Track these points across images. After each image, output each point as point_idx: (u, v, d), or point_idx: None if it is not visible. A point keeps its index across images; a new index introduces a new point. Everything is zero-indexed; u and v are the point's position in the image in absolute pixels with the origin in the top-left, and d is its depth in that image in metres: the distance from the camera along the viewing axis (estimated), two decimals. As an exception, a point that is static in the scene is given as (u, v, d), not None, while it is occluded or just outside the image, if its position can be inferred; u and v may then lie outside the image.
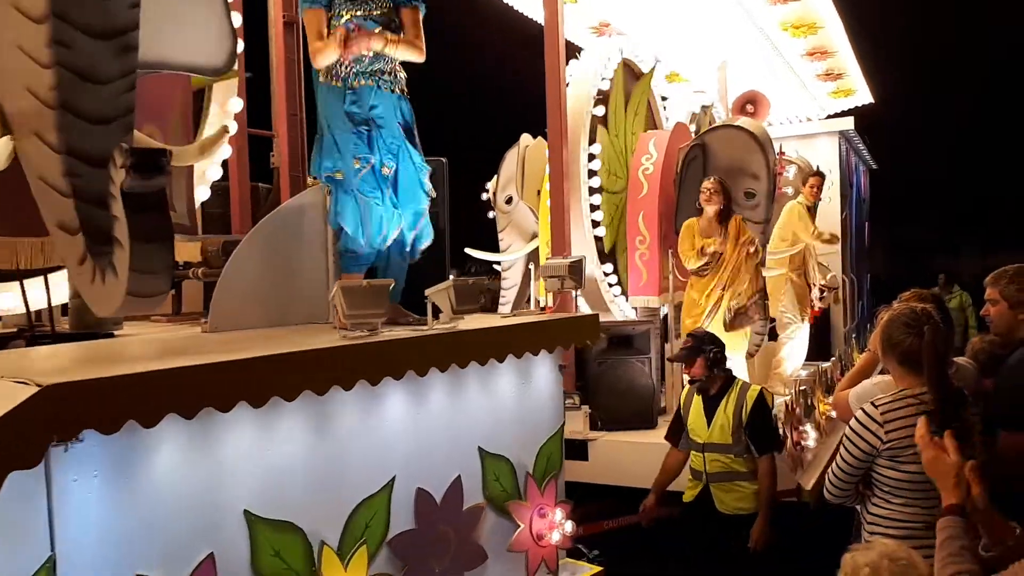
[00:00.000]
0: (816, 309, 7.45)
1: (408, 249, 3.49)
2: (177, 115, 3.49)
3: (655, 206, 5.81)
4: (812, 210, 7.26)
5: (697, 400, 4.27)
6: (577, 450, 5.28)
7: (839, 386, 3.38)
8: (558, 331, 3.76)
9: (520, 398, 3.70)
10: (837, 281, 7.34)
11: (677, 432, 4.38)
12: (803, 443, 4.96)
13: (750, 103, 9.43)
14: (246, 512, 2.51)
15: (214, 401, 2.28)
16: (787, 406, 5.11)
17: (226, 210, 4.31)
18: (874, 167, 13.22)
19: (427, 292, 3.16)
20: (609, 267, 6.15)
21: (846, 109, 13.67)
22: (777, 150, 5.95)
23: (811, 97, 12.26)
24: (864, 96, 13.13)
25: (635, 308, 6.03)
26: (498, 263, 6.73)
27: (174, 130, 3.44)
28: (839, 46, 9.95)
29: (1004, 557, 1.90)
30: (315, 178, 3.33)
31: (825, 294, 7.37)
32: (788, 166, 6.07)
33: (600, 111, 6.19)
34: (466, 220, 6.27)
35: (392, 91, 3.31)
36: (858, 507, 2.79)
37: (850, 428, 2.64)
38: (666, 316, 6.01)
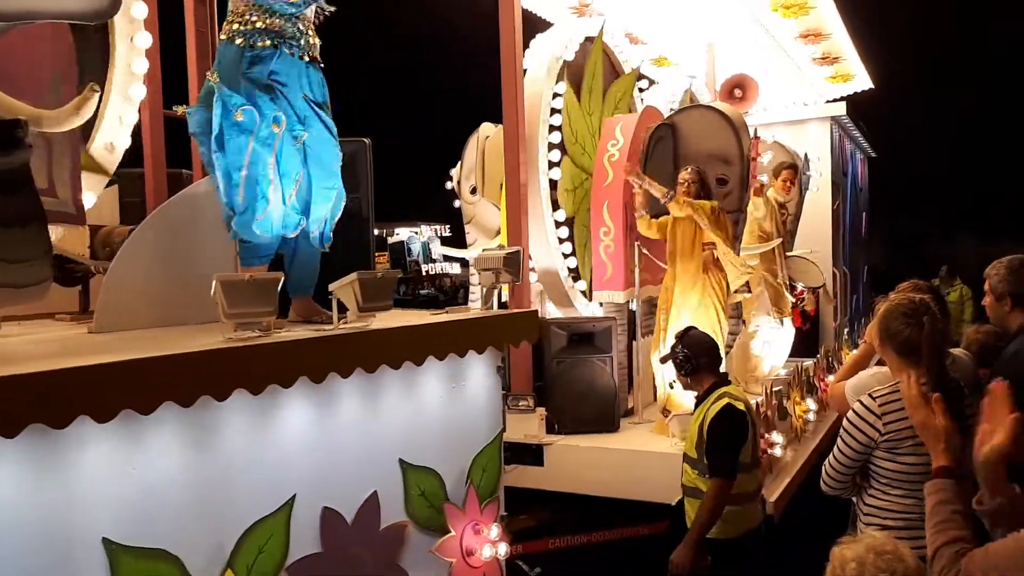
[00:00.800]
0: (799, 309, 7.10)
1: (319, 235, 3.16)
2: (53, 75, 3.13)
3: (620, 195, 5.46)
4: (784, 207, 6.92)
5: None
6: (532, 455, 4.98)
7: (835, 377, 3.33)
8: (487, 330, 3.45)
9: (449, 404, 3.40)
10: (819, 279, 6.96)
11: None
12: (769, 451, 4.64)
13: (738, 87, 9.06)
14: (105, 541, 2.21)
15: (47, 416, 1.97)
16: (756, 409, 4.79)
17: (144, 198, 4.00)
18: (873, 155, 12.80)
19: (331, 287, 2.85)
20: (574, 261, 5.80)
21: (844, 95, 13.34)
22: (752, 134, 5.58)
23: (808, 82, 11.87)
24: (863, 81, 12.69)
25: (600, 304, 5.68)
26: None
27: (51, 93, 3.09)
28: (833, 27, 9.55)
29: (996, 513, 1.85)
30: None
31: (805, 297, 7.02)
32: (764, 152, 5.69)
33: (561, 88, 5.78)
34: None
35: (301, 58, 2.99)
36: (854, 499, 2.78)
37: (847, 420, 2.63)
38: (635, 313, 5.66)
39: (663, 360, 3.87)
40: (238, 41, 2.88)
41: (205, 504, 2.45)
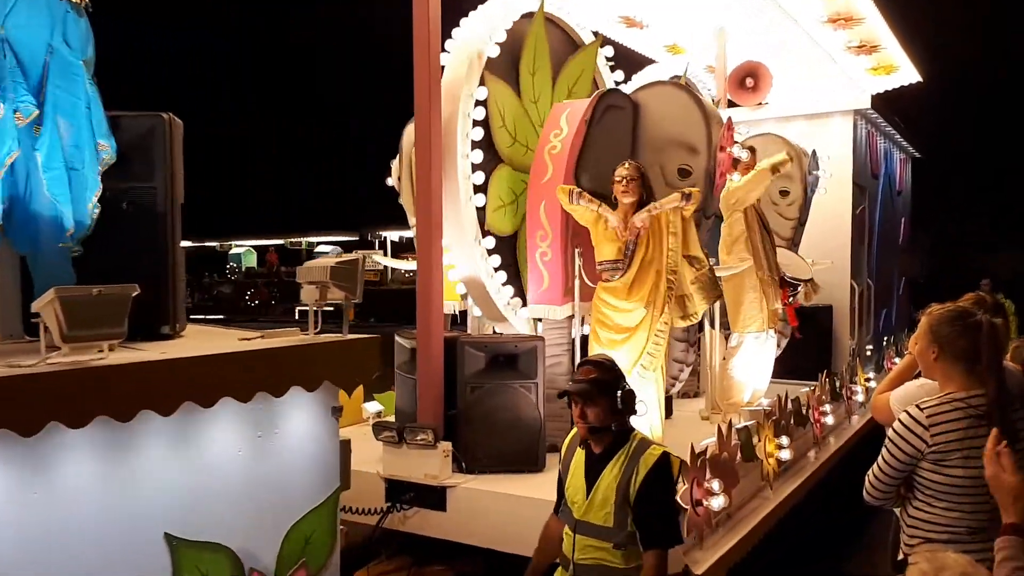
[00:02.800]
0: (790, 305, 6.17)
1: (70, 235, 2.50)
2: None
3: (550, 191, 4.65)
4: None
5: (580, 455, 2.95)
6: (433, 498, 4.23)
7: (878, 389, 3.20)
8: (308, 362, 2.73)
9: (255, 458, 2.69)
10: (806, 271, 6.00)
11: (559, 493, 3.07)
12: (705, 503, 3.80)
13: (750, 76, 8.13)
14: None
15: None
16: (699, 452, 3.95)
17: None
18: (917, 156, 11.61)
19: (34, 306, 2.17)
20: (503, 275, 4.97)
21: (888, 89, 12.16)
22: (725, 122, 4.69)
23: (843, 73, 10.79)
24: (908, 74, 11.52)
25: (538, 320, 4.88)
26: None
27: None
28: (865, 10, 8.50)
29: None
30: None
31: (800, 289, 6.08)
32: (741, 149, 4.78)
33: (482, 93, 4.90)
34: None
35: None
36: (896, 510, 2.75)
37: (893, 430, 2.60)
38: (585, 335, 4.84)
39: (560, 395, 3.04)
40: None
41: None
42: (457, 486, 4.21)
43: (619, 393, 2.84)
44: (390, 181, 5.81)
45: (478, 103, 4.74)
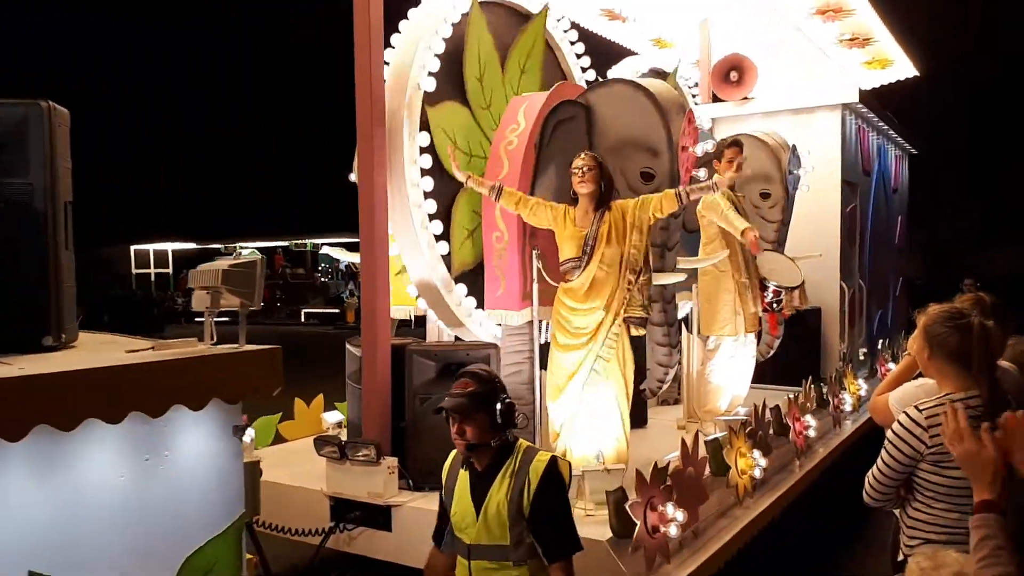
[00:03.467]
0: (773, 312, 5.87)
1: None
2: None
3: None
4: (733, 189, 5.68)
5: (464, 477, 2.75)
6: (378, 517, 3.97)
7: (877, 390, 3.15)
8: (200, 377, 2.46)
9: (139, 484, 2.42)
10: (795, 278, 5.69)
11: (441, 524, 2.89)
12: (663, 528, 3.51)
13: (734, 70, 7.84)
14: None
15: None
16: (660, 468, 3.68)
17: None
18: (914, 152, 11.28)
19: None
20: (463, 285, 4.66)
21: (885, 83, 11.84)
22: (685, 116, 4.39)
23: (839, 69, 10.50)
24: (904, 68, 11.23)
25: (499, 325, 4.59)
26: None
27: None
28: (854, 2, 8.20)
29: None
30: None
31: (783, 298, 5.77)
32: (701, 142, 4.47)
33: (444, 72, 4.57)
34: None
35: None
36: (896, 511, 2.76)
37: (892, 431, 2.60)
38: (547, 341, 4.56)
39: (436, 412, 2.83)
40: None
41: None
42: (403, 505, 3.94)
43: (498, 406, 2.65)
44: (353, 177, 5.55)
45: (422, 149, 4.47)
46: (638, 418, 5.83)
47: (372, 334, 4.09)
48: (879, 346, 8.82)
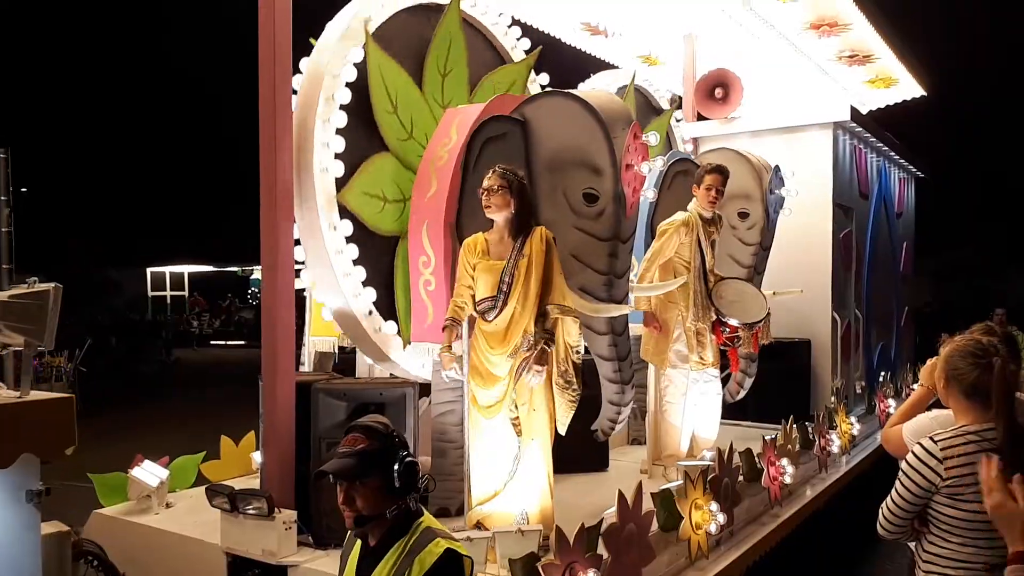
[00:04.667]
0: (732, 348, 5.38)
1: None
2: None
3: (442, 213, 3.93)
4: (712, 223, 5.21)
5: (358, 547, 2.31)
6: (273, 578, 3.52)
7: (890, 421, 3.09)
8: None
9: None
10: (758, 311, 5.18)
11: None
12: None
13: (719, 86, 7.40)
14: None
15: None
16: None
17: None
18: (920, 175, 10.75)
19: None
20: (373, 292, 4.18)
21: (890, 104, 11.34)
22: (628, 129, 3.93)
23: (836, 86, 10.03)
24: (909, 88, 10.75)
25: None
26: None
27: None
28: (850, 15, 7.76)
29: None
30: None
31: (740, 337, 5.26)
32: (650, 159, 4.00)
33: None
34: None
35: None
36: (911, 544, 2.73)
37: (907, 463, 2.56)
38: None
39: (317, 476, 2.34)
40: None
41: None
42: (299, 565, 3.49)
43: (396, 467, 2.15)
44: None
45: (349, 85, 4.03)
46: (598, 460, 5.37)
47: (273, 369, 3.66)
48: (880, 380, 8.25)
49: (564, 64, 7.16)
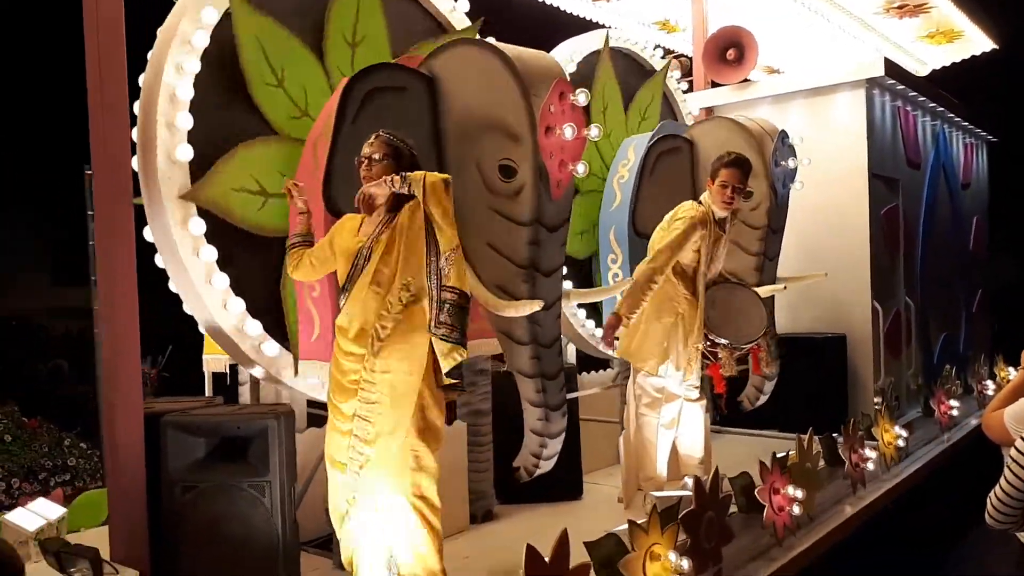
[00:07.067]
0: (718, 366, 4.50)
1: None
2: None
3: (319, 194, 3.22)
4: (721, 224, 4.34)
5: None
6: (107, 654, 2.89)
7: (990, 405, 2.92)
8: None
9: None
10: (750, 331, 4.31)
11: None
12: None
13: (732, 47, 6.46)
14: None
15: None
16: None
17: None
18: (992, 140, 9.46)
19: None
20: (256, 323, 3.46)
21: (956, 61, 10.04)
22: (553, 87, 3.12)
23: (890, 43, 8.87)
24: (979, 42, 9.46)
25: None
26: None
27: None
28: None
29: None
30: None
31: (722, 358, 4.39)
32: (587, 127, 3.15)
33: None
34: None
35: None
36: (1019, 534, 2.74)
37: (1016, 450, 2.52)
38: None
39: None
40: None
41: None
42: (135, 640, 2.85)
43: None
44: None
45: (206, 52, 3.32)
46: (571, 486, 4.58)
47: (113, 396, 3.01)
48: (943, 376, 7.14)
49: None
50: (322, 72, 3.71)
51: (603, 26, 7.61)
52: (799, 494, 4.25)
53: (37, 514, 3.89)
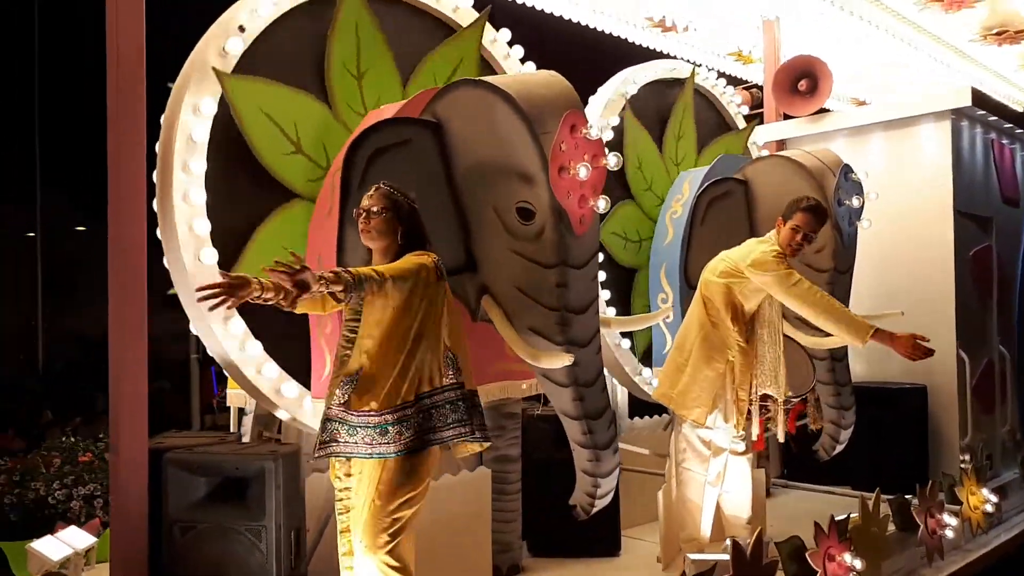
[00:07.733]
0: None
1: None
2: None
3: (333, 244, 3.11)
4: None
5: None
6: None
7: None
8: None
9: None
10: (804, 382, 3.95)
11: None
12: None
13: (804, 77, 6.13)
14: None
15: None
16: None
17: None
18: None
19: None
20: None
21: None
22: (565, 117, 2.91)
23: (990, 72, 8.29)
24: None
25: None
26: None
27: None
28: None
29: None
30: None
31: (771, 410, 4.03)
32: (610, 156, 2.89)
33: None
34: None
35: None
36: None
37: None
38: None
39: None
40: None
41: None
42: None
43: None
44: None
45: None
46: (608, 541, 4.31)
47: (117, 430, 2.99)
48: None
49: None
50: (332, 116, 3.60)
51: (675, 57, 7.41)
52: (858, 564, 3.85)
53: (65, 543, 3.92)
